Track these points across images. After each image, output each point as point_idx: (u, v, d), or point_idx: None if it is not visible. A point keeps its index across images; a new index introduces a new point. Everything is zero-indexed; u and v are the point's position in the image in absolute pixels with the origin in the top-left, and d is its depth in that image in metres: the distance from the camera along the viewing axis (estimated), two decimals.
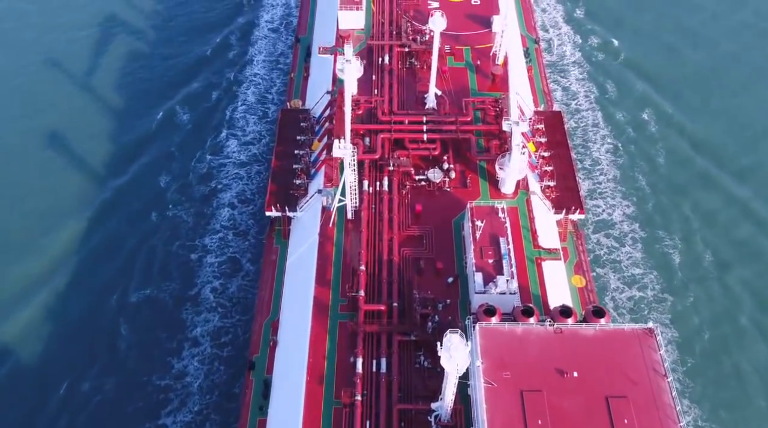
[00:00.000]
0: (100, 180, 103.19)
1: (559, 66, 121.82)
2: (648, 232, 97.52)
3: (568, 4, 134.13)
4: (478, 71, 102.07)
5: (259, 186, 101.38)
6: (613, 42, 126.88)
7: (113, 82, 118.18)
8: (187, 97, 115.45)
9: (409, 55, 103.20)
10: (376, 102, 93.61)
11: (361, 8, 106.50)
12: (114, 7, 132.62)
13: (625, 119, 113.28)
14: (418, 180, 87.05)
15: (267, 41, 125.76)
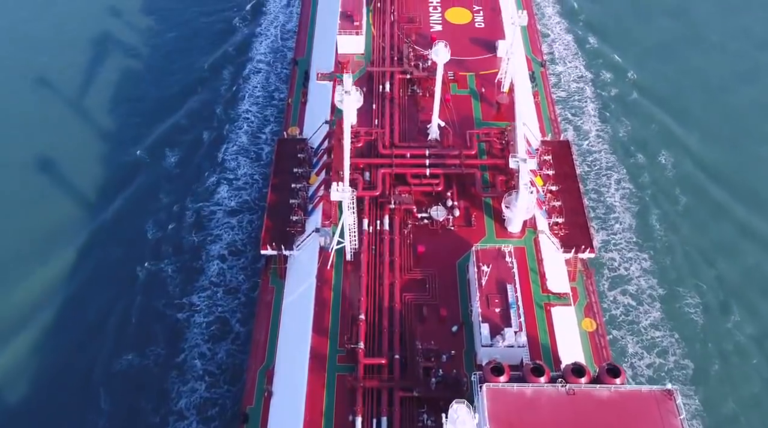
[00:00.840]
0: (78, 226, 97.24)
1: (569, 102, 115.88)
2: (667, 289, 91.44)
3: (579, 33, 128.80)
4: (482, 99, 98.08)
5: (250, 236, 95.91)
6: (627, 75, 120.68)
7: (98, 116, 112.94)
8: (176, 136, 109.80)
9: (411, 82, 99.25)
10: (377, 134, 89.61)
11: (360, 33, 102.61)
12: (106, 28, 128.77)
13: (641, 160, 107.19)
14: (420, 218, 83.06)
15: (260, 75, 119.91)
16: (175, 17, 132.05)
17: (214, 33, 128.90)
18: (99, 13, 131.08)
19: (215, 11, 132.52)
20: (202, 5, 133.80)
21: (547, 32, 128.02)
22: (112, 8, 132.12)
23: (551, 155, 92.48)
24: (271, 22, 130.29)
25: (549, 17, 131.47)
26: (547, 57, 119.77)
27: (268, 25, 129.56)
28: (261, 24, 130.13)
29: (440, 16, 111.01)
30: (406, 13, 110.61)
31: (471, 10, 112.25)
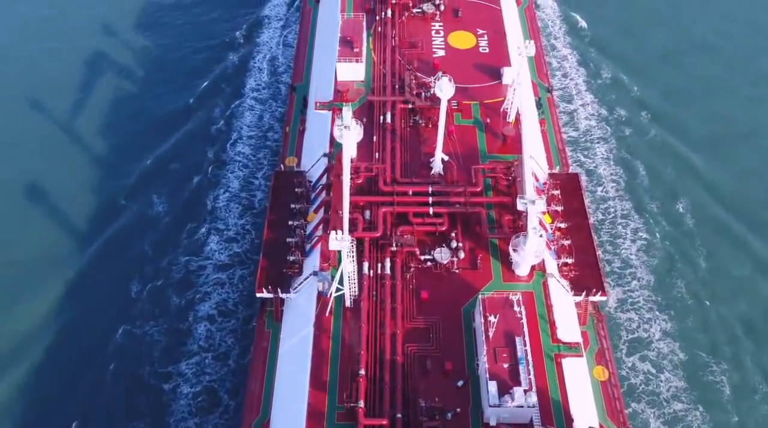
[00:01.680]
0: (51, 279, 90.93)
1: (581, 143, 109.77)
2: (689, 354, 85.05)
3: (591, 66, 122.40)
4: (487, 130, 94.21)
5: (242, 294, 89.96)
6: (642, 113, 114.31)
7: (79, 155, 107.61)
8: (163, 180, 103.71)
9: (413, 112, 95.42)
10: (378, 170, 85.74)
11: (360, 60, 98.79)
12: (93, 60, 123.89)
13: (659, 208, 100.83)
14: (423, 261, 79.16)
15: (253, 113, 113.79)
16: (165, 50, 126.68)
17: (204, 66, 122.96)
18: (87, 41, 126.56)
19: (205, 43, 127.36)
20: (193, 38, 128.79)
21: (558, 65, 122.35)
22: (100, 37, 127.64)
23: (559, 190, 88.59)
24: (264, 55, 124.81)
25: (559, 49, 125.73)
26: (558, 93, 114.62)
27: (262, 59, 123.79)
28: (254, 57, 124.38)
29: (443, 40, 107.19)
30: (407, 38, 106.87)
31: (475, 33, 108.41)
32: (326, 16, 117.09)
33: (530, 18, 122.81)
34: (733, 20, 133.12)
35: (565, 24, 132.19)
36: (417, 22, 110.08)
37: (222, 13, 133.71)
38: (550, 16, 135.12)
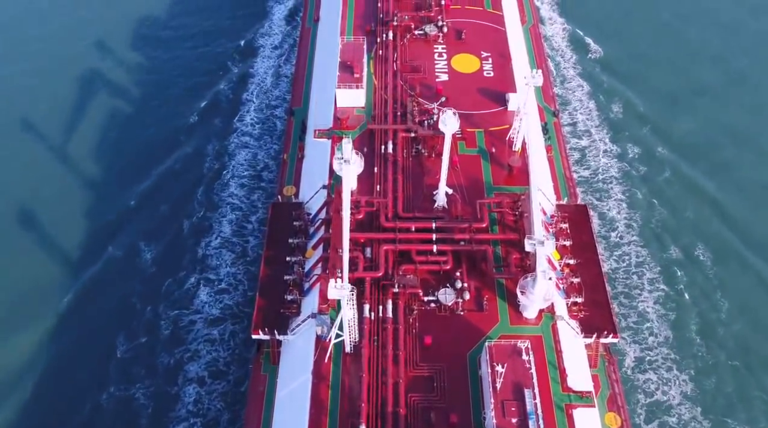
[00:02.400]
0: (30, 331, 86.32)
1: (593, 184, 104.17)
2: (713, 421, 79.65)
3: (601, 98, 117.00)
4: (492, 160, 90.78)
5: (233, 352, 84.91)
6: (657, 150, 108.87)
7: (64, 188, 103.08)
8: (152, 225, 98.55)
9: (415, 141, 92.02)
10: (379, 204, 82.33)
11: (361, 86, 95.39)
12: (78, 94, 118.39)
13: (677, 256, 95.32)
14: (427, 302, 75.72)
15: (247, 151, 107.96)
16: (154, 82, 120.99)
17: (195, 98, 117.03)
18: (76, 68, 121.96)
19: (196, 73, 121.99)
20: (184, 68, 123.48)
21: (566, 96, 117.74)
22: (89, 62, 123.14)
23: (568, 223, 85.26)
24: (258, 85, 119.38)
25: (567, 75, 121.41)
26: (568, 129, 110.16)
27: (255, 91, 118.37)
28: (248, 88, 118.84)
29: (446, 63, 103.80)
30: (409, 61, 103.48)
31: (479, 56, 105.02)
32: (325, 36, 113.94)
33: (535, 37, 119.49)
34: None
35: (572, 44, 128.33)
36: (419, 44, 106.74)
37: (214, 39, 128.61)
38: (556, 29, 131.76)
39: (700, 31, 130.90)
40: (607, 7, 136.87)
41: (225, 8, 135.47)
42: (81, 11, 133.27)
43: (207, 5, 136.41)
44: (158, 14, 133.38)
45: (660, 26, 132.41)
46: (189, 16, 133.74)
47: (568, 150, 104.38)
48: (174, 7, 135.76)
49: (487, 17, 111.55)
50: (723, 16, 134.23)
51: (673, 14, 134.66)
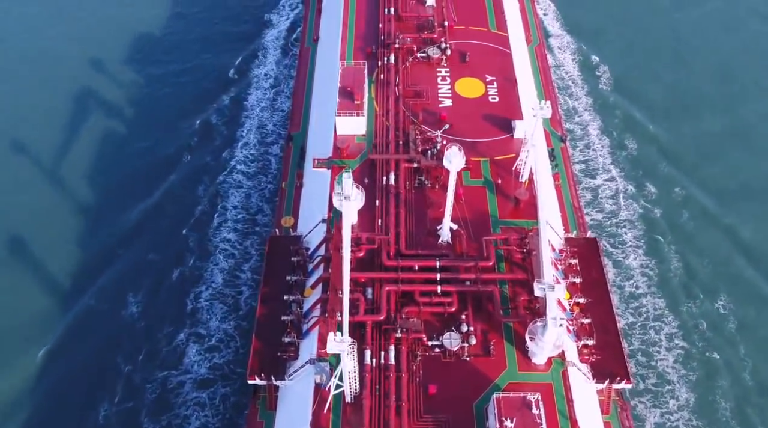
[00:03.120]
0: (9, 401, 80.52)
1: (606, 228, 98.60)
2: None
3: (614, 135, 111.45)
4: (498, 191, 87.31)
5: (224, 418, 79.66)
6: (675, 190, 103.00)
7: (48, 230, 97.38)
8: (139, 275, 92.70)
9: (418, 172, 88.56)
10: (380, 242, 78.83)
11: (362, 113, 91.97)
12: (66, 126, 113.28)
13: (698, 308, 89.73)
14: (431, 347, 72.21)
15: (240, 192, 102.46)
16: (143, 117, 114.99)
17: (186, 134, 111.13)
18: (63, 99, 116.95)
19: (188, 106, 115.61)
20: (174, 99, 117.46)
21: (576, 129, 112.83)
22: (76, 94, 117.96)
23: (577, 258, 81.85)
24: (252, 119, 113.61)
25: (580, 113, 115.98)
26: (579, 166, 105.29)
27: (250, 126, 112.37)
28: (242, 124, 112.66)
29: (450, 88, 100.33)
30: (411, 85, 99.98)
31: (483, 80, 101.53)
32: (325, 58, 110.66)
33: (541, 58, 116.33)
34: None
35: (580, 64, 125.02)
36: (422, 67, 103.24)
37: (206, 65, 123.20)
38: (563, 48, 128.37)
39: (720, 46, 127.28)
40: (613, 21, 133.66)
41: (218, 28, 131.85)
42: (72, 31, 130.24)
43: (200, 24, 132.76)
44: (149, 42, 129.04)
45: (673, 39, 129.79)
46: (181, 37, 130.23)
47: (575, 174, 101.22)
48: (166, 29, 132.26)
49: (491, 38, 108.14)
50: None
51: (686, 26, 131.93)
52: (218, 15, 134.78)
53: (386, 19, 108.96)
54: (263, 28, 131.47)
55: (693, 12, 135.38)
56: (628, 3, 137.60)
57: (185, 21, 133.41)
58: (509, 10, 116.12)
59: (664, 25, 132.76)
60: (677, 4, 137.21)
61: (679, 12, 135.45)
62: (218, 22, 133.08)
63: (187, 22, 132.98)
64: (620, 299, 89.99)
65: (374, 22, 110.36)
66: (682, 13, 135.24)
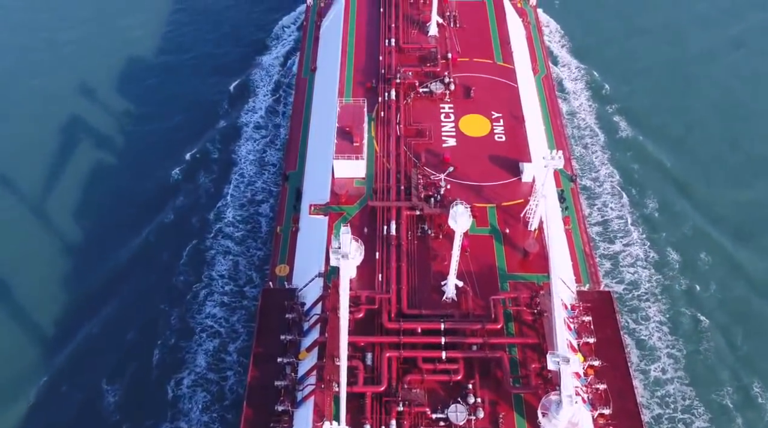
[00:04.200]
0: None
1: (628, 302, 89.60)
2: None
3: (632, 183, 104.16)
4: (506, 241, 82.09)
5: None
6: (701, 257, 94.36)
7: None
8: (116, 357, 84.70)
9: (421, 220, 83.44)
10: (381, 301, 73.62)
11: (361, 157, 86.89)
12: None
13: (730, 397, 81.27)
14: (435, 420, 66.93)
15: (227, 259, 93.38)
16: (122, 175, 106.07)
17: (167, 189, 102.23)
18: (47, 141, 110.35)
19: (169, 157, 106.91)
20: (153, 150, 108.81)
21: (593, 177, 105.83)
22: (52, 140, 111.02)
23: (591, 314, 76.68)
24: (240, 175, 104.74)
25: (593, 150, 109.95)
26: (597, 229, 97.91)
27: (239, 182, 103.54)
28: (229, 181, 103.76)
29: (454, 125, 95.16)
30: (414, 123, 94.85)
31: (489, 117, 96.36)
32: (323, 91, 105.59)
33: (549, 88, 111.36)
34: None
35: (591, 95, 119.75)
36: (424, 103, 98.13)
37: (188, 111, 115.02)
38: (571, 74, 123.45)
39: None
40: (619, 42, 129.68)
41: (210, 58, 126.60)
42: (56, 59, 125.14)
43: (192, 52, 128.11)
44: (139, 72, 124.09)
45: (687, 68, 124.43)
46: (171, 69, 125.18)
47: (586, 218, 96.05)
48: (157, 55, 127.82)
49: (497, 71, 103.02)
50: None
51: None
52: (210, 42, 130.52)
53: (387, 51, 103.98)
54: (258, 55, 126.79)
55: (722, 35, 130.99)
56: (641, 23, 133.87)
57: (176, 49, 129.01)
58: (515, 39, 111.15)
59: (682, 49, 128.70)
60: (703, 24, 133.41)
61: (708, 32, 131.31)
62: (211, 50, 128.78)
63: (178, 52, 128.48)
64: (645, 384, 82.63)
65: (374, 52, 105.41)
66: (711, 34, 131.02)
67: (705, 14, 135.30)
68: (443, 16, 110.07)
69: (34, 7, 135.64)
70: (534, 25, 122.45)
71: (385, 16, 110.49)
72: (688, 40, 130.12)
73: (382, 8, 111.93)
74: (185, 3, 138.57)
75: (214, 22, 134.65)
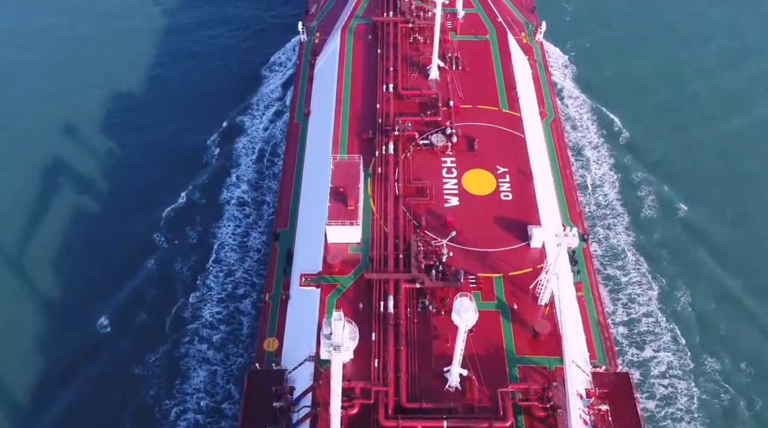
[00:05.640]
0: None
1: (661, 422, 79.34)
2: None
3: (649, 250, 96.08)
4: (514, 318, 75.20)
5: None
6: (742, 367, 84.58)
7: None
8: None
9: (421, 293, 76.60)
10: (377, 394, 66.73)
11: (356, 222, 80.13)
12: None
13: None
14: None
15: (203, 370, 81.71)
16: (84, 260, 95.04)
17: (128, 287, 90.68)
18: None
19: (129, 242, 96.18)
20: (118, 239, 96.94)
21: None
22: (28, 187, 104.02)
23: (607, 401, 69.83)
24: (221, 264, 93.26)
25: (609, 205, 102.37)
26: (622, 330, 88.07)
27: (218, 271, 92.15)
28: (208, 270, 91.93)
29: (456, 182, 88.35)
30: (413, 180, 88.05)
31: (494, 173, 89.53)
32: (316, 140, 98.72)
33: (557, 134, 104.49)
34: None
35: (607, 144, 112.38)
36: (425, 156, 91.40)
37: (158, 185, 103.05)
38: (581, 116, 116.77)
39: None
40: (635, 74, 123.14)
41: (190, 105, 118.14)
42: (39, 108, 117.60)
43: (167, 103, 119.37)
44: (124, 117, 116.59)
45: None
46: (152, 115, 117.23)
47: (600, 284, 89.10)
48: (142, 97, 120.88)
49: (503, 120, 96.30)
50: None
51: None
52: (199, 80, 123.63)
53: (384, 97, 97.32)
54: (248, 95, 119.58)
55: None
56: (658, 51, 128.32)
57: (160, 89, 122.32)
58: (521, 80, 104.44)
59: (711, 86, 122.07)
60: (723, 61, 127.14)
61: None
62: (201, 88, 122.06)
63: (162, 92, 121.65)
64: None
65: (371, 98, 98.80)
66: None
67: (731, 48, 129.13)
68: (444, 58, 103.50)
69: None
70: (540, 63, 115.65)
71: (383, 57, 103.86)
72: (719, 77, 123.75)
73: (380, 49, 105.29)
74: (174, 42, 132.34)
75: (206, 56, 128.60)
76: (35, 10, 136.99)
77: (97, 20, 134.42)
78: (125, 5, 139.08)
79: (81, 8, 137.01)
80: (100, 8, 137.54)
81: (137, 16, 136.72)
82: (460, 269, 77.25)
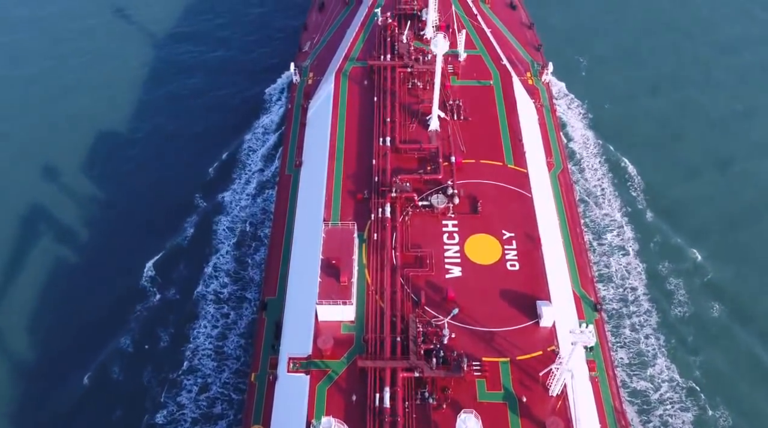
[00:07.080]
0: None
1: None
2: None
3: (673, 316, 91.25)
4: (523, 412, 68.20)
5: None
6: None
7: None
8: None
9: (421, 383, 69.53)
10: None
11: (349, 301, 73.26)
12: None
13: None
14: None
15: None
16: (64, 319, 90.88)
17: (114, 359, 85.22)
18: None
19: (106, 310, 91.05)
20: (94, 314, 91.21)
21: (623, 311, 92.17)
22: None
23: None
24: (206, 338, 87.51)
25: (620, 281, 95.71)
26: (646, 378, 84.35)
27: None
28: (191, 338, 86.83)
29: (459, 250, 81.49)
30: (412, 248, 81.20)
31: (500, 238, 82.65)
32: (307, 200, 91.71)
33: (566, 188, 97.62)
34: None
35: (613, 180, 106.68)
36: (424, 219, 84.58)
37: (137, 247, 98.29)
38: (591, 166, 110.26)
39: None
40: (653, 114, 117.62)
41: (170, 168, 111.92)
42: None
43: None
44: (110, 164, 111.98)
45: None
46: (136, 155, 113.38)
47: (614, 361, 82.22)
48: (126, 145, 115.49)
49: (508, 177, 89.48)
50: None
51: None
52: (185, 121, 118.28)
53: (381, 152, 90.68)
54: (235, 142, 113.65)
55: None
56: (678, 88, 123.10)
57: (143, 136, 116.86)
58: (527, 128, 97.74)
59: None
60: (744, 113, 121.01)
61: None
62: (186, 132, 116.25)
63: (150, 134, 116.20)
64: None
65: (367, 152, 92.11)
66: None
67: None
68: (445, 106, 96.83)
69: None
70: (547, 106, 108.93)
71: (379, 106, 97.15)
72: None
73: (376, 97, 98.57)
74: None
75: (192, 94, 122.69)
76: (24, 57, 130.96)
77: (79, 68, 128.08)
78: (105, 49, 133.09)
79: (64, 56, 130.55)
80: (81, 52, 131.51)
81: (114, 59, 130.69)
82: (462, 355, 70.43)
